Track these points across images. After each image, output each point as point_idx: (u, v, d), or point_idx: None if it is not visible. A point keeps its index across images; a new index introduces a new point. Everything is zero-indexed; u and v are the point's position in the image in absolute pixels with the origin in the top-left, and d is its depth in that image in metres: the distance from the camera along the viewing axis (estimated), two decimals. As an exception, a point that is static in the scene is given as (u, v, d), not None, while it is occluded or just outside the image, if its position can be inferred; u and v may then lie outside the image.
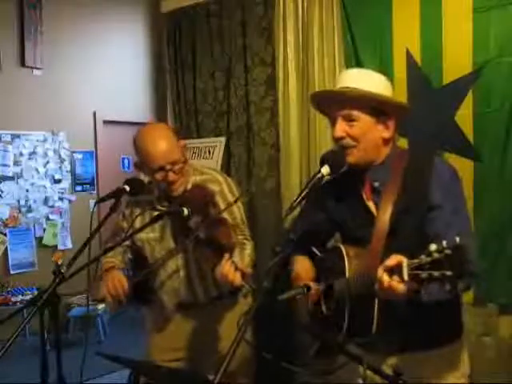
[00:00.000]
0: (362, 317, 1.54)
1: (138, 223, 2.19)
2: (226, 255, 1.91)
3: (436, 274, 1.19)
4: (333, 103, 1.72)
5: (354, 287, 1.59)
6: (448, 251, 1.17)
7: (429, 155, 1.73)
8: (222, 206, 2.14)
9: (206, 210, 2.05)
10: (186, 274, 2.22)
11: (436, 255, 1.20)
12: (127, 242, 2.25)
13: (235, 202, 2.12)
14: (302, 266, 1.83)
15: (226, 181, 2.26)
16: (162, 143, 2.05)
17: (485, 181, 3.19)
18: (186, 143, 2.25)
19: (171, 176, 2.07)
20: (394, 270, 1.31)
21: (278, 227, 3.94)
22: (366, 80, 1.70)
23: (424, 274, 1.22)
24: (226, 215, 2.14)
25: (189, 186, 2.16)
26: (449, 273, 1.17)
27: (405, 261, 1.28)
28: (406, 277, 1.27)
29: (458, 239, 1.17)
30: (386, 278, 1.34)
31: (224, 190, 2.21)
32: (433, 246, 1.20)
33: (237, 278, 1.87)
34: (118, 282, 2.04)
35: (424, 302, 1.43)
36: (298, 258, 1.86)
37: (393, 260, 1.33)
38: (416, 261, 1.25)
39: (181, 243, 2.16)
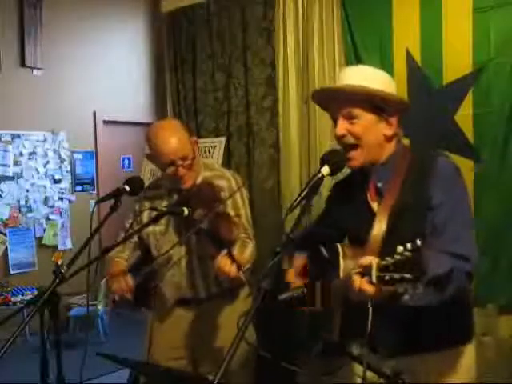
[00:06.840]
0: (357, 317, 1.53)
1: (146, 218, 2.26)
2: (225, 249, 1.95)
3: (396, 276, 1.19)
4: (333, 101, 1.69)
5: (345, 288, 1.57)
6: (408, 253, 1.17)
7: (431, 153, 1.70)
8: (230, 201, 2.20)
9: (212, 204, 2.11)
10: (187, 267, 2.24)
11: (398, 257, 1.19)
12: (135, 238, 2.31)
13: (238, 189, 2.21)
14: (296, 265, 1.81)
15: (235, 178, 2.32)
16: (173, 139, 2.12)
17: (485, 181, 3.19)
18: (198, 139, 2.31)
19: (181, 171, 2.14)
20: (365, 271, 1.30)
21: (277, 227, 3.93)
22: (366, 76, 1.66)
23: (387, 276, 1.21)
24: (231, 212, 2.20)
25: (198, 181, 2.23)
26: (408, 275, 1.16)
27: (374, 262, 1.27)
28: (373, 278, 1.26)
29: (418, 241, 1.16)
30: (356, 277, 1.33)
31: (232, 185, 2.27)
32: (399, 248, 1.19)
33: (233, 270, 1.91)
34: (124, 281, 2.10)
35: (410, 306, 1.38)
36: (296, 256, 1.84)
37: (365, 260, 1.32)
38: (383, 262, 1.24)
39: (184, 236, 2.21)
